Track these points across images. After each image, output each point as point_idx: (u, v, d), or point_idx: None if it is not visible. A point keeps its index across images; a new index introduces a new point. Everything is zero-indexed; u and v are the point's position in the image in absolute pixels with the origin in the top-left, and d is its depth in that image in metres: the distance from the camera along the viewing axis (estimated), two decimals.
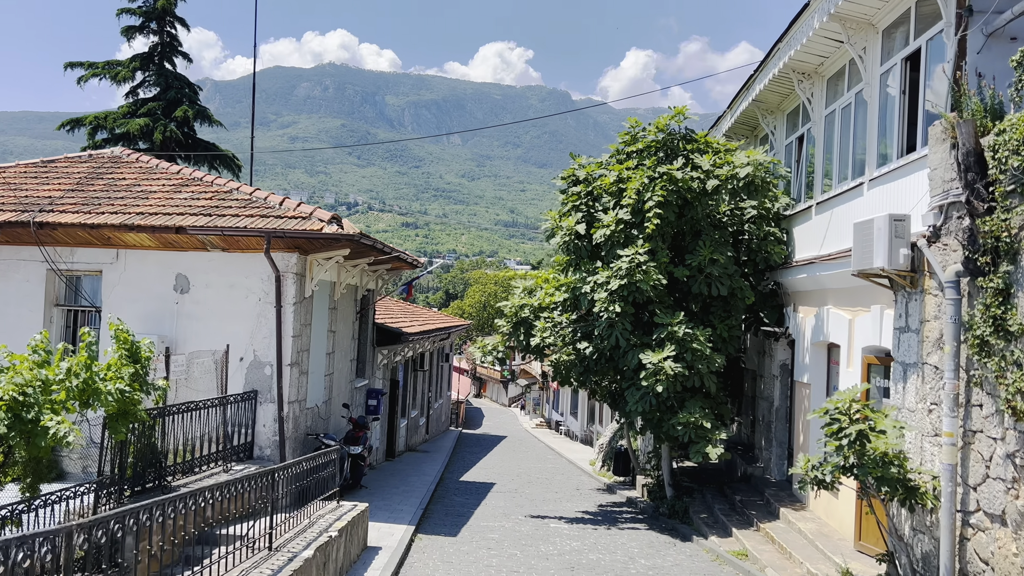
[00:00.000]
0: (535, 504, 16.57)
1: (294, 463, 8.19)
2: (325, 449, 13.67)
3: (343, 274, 15.91)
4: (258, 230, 12.41)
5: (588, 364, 14.47)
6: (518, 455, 30.05)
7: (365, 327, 18.94)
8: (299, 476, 8.35)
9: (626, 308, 13.01)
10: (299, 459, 8.37)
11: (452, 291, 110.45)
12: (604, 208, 14.04)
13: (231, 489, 6.51)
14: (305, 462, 8.48)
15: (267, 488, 7.24)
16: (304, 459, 8.52)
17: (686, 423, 12.54)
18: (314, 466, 8.84)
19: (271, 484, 7.32)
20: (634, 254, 13.00)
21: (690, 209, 13.34)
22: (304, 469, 8.43)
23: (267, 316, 13.12)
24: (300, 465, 8.31)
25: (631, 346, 13.32)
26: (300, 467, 8.32)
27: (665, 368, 12.40)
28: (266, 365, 13.09)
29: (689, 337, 12.63)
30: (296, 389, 13.34)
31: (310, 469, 8.65)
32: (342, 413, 16.48)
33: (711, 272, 13.24)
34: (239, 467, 12.14)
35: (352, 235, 12.34)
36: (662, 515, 14.84)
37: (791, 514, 12.11)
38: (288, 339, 13.06)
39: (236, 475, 11.65)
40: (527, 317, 14.72)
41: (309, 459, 8.66)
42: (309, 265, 13.63)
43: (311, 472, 8.72)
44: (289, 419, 13.07)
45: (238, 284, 13.26)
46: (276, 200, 13.51)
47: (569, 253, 14.01)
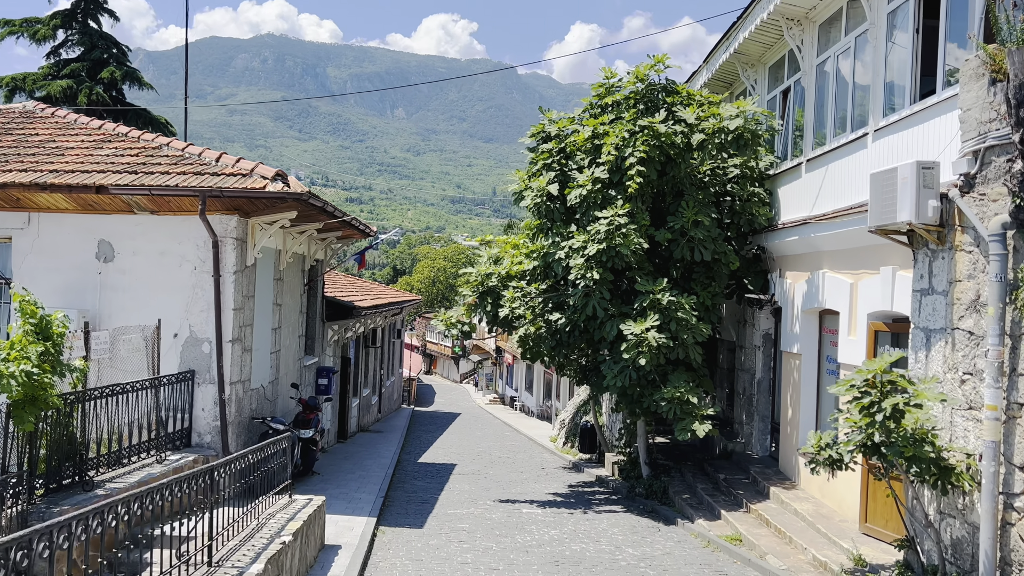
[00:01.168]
0: (502, 487, 15.50)
1: (238, 456, 6.90)
2: (273, 436, 12.35)
3: (289, 242, 14.47)
4: (191, 189, 10.93)
5: (560, 337, 13.37)
6: (475, 433, 29.00)
7: (314, 300, 17.53)
8: (245, 471, 7.07)
9: (605, 275, 11.92)
10: (245, 451, 7.07)
11: (400, 267, 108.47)
12: (578, 167, 12.88)
13: (158, 496, 5.22)
14: (252, 454, 7.19)
15: (206, 490, 5.96)
16: (251, 450, 7.23)
17: (671, 398, 11.56)
18: (263, 458, 7.56)
19: (210, 486, 6.04)
20: (613, 216, 11.89)
21: (673, 167, 12.27)
22: (251, 463, 7.16)
23: (204, 287, 11.67)
24: (246, 459, 7.03)
25: (609, 316, 12.26)
26: (246, 460, 7.04)
27: (648, 339, 11.37)
28: (204, 342, 11.66)
29: (674, 305, 11.62)
30: (239, 368, 11.95)
31: (258, 462, 7.38)
32: (291, 394, 15.11)
33: (695, 235, 12.22)
34: (175, 456, 10.75)
35: (299, 194, 10.95)
36: (638, 496, 13.92)
37: (783, 493, 11.26)
38: (228, 312, 11.64)
39: (169, 466, 10.29)
40: (494, 286, 13.53)
41: (257, 450, 7.38)
42: (251, 230, 12.18)
43: (259, 465, 7.44)
44: (231, 402, 11.70)
45: (170, 251, 11.77)
46: (212, 156, 12.01)
47: (540, 216, 12.83)
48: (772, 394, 13.77)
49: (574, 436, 22.73)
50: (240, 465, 6.87)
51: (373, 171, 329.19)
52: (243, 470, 6.98)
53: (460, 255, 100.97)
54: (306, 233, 14.59)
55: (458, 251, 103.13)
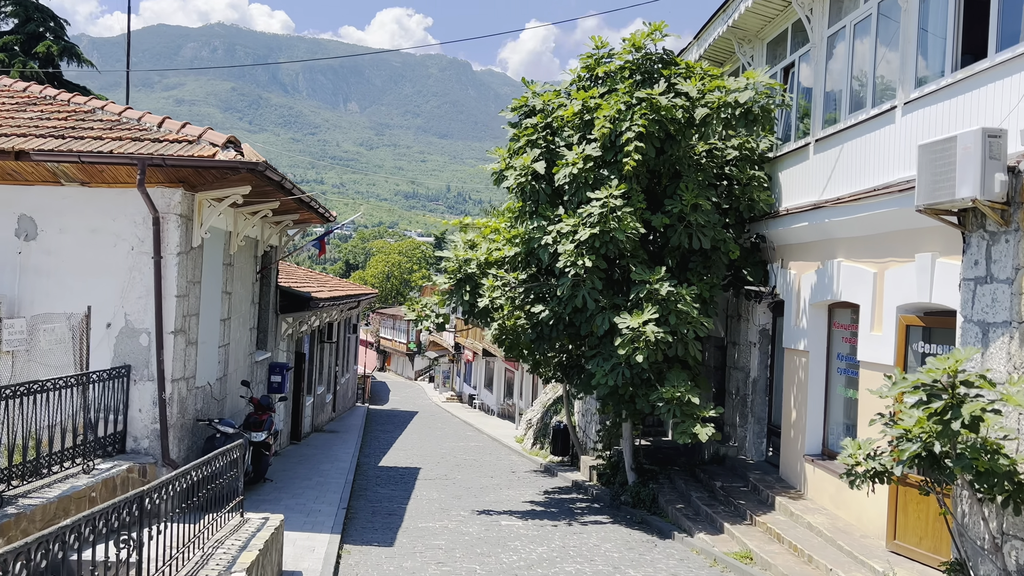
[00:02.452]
0: (473, 494, 14.27)
1: (179, 475, 5.52)
2: (221, 440, 10.93)
3: (241, 223, 13.01)
4: (128, 156, 9.45)
5: (542, 331, 12.18)
6: (435, 433, 27.70)
7: (267, 290, 16.04)
8: (188, 492, 5.71)
9: (597, 262, 10.77)
10: (187, 468, 5.70)
11: (353, 261, 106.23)
12: (567, 144, 11.69)
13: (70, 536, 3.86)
14: (197, 470, 5.83)
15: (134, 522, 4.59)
16: (195, 465, 5.86)
17: (670, 399, 10.46)
18: (210, 473, 6.20)
19: (139, 517, 4.68)
20: (607, 197, 10.74)
21: (672, 145, 11.16)
22: (196, 480, 5.80)
23: (143, 270, 10.19)
24: (189, 476, 5.67)
25: (600, 309, 11.11)
26: (189, 479, 5.68)
27: (647, 333, 10.25)
28: (142, 333, 10.18)
29: (674, 297, 10.51)
30: (182, 363, 10.49)
31: (205, 479, 6.02)
32: (241, 392, 13.65)
33: (694, 220, 11.14)
34: (105, 465, 9.28)
35: (254, 164, 9.55)
36: (624, 504, 12.82)
37: (790, 504, 10.25)
38: (171, 299, 10.18)
39: (98, 477, 8.82)
40: (473, 273, 12.26)
41: (203, 464, 6.01)
42: (198, 206, 10.73)
43: (206, 482, 6.09)
44: (173, 401, 10.25)
45: (103, 229, 10.25)
46: (154, 121, 10.52)
47: (524, 198, 11.61)
48: (769, 394, 12.79)
49: (544, 437, 21.60)
50: (182, 485, 5.51)
51: (325, 165, 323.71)
52: (186, 491, 5.62)
53: (415, 250, 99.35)
54: (260, 214, 13.14)
55: (413, 246, 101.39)
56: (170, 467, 10.12)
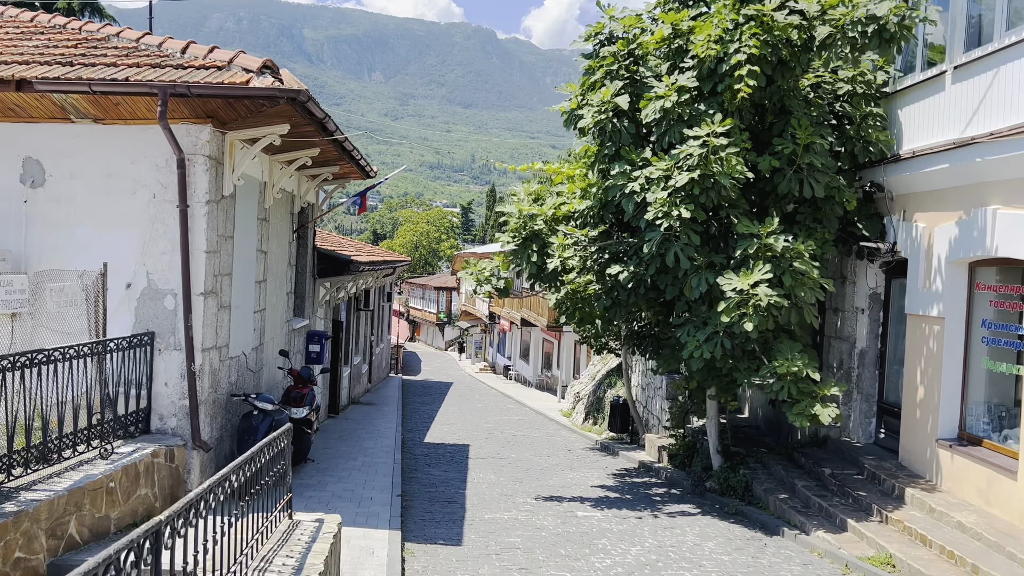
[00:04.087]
0: (534, 476, 12.83)
1: (213, 485, 4.04)
2: (259, 418, 9.54)
3: (276, 173, 11.52)
4: (147, 84, 7.94)
5: (618, 296, 10.60)
6: (475, 406, 26.34)
7: (304, 252, 14.60)
8: (226, 502, 4.25)
9: (697, 212, 9.14)
10: (226, 473, 4.20)
11: (380, 231, 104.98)
12: (655, 74, 10.00)
13: None
14: (239, 472, 4.36)
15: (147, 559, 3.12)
16: (238, 466, 4.39)
17: (784, 374, 8.86)
18: (255, 472, 4.73)
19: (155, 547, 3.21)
20: (708, 135, 9.07)
21: (785, 73, 9.44)
22: (235, 487, 4.34)
23: (167, 222, 8.75)
24: (228, 483, 4.20)
25: (695, 268, 9.50)
26: (228, 486, 4.21)
27: (759, 296, 8.63)
28: (167, 295, 8.76)
29: (789, 253, 8.87)
30: (213, 330, 9.07)
31: (249, 480, 4.56)
32: (279, 363, 12.26)
33: (809, 163, 9.46)
34: (127, 449, 7.91)
35: (296, 91, 7.99)
36: (710, 492, 11.30)
37: (926, 497, 8.66)
38: (200, 256, 8.74)
39: (118, 463, 7.43)
40: (540, 230, 10.68)
41: (246, 464, 4.53)
42: (229, 148, 9.23)
43: (249, 484, 4.63)
44: (204, 374, 8.84)
45: (121, 173, 8.80)
46: (176, 46, 8.99)
47: (604, 139, 9.95)
48: (880, 368, 11.15)
49: (597, 412, 20.12)
50: (217, 498, 4.03)
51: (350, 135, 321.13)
52: (223, 502, 4.15)
53: (442, 219, 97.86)
54: (296, 163, 11.63)
55: (440, 215, 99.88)
56: (201, 450, 8.74)
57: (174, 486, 8.43)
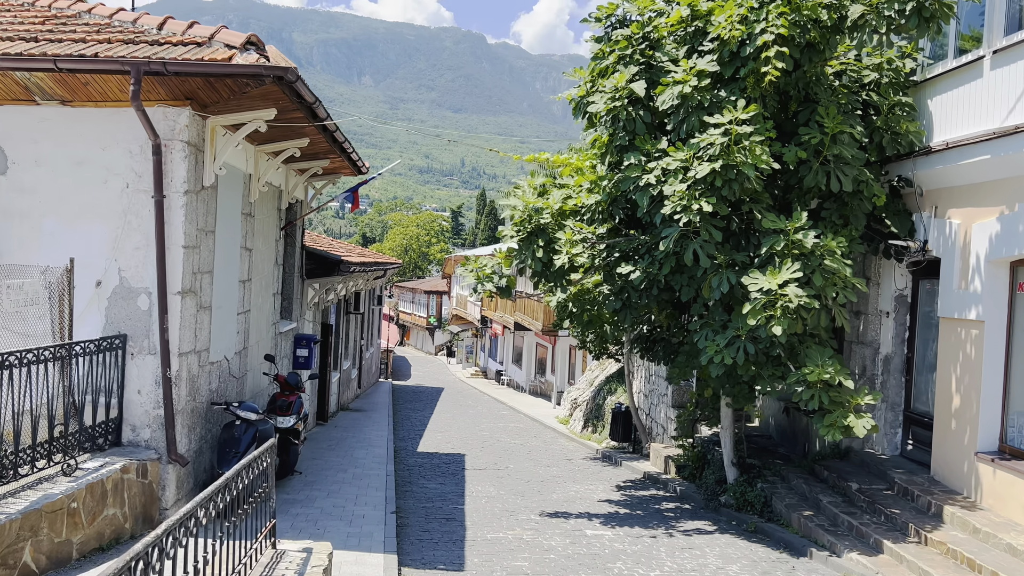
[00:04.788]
0: (535, 489, 12.10)
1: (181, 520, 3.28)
2: (241, 428, 8.77)
3: (262, 165, 10.75)
4: (118, 60, 7.19)
5: (629, 297, 9.90)
6: (468, 412, 25.58)
7: (292, 251, 13.83)
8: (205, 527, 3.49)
9: (719, 207, 8.44)
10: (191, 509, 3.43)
11: (370, 235, 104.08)
12: (672, 59, 9.31)
13: None
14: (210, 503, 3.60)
15: None
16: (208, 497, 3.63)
17: (814, 382, 8.16)
18: (233, 499, 3.98)
19: None
20: (730, 123, 8.39)
21: (813, 57, 8.77)
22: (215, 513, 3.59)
23: (141, 214, 7.98)
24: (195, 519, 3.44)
25: (715, 267, 8.80)
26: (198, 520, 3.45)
27: (788, 297, 7.94)
28: (140, 294, 7.99)
29: (819, 251, 8.19)
30: (192, 332, 8.30)
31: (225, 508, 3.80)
32: (264, 369, 11.49)
33: (836, 154, 8.79)
34: (94, 464, 7.14)
35: (283, 69, 7.24)
36: (725, 506, 10.60)
37: (967, 516, 7.98)
38: (177, 251, 7.97)
39: (82, 480, 6.65)
40: (546, 225, 9.96)
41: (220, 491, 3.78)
42: (210, 134, 8.47)
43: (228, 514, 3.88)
44: (181, 380, 8.07)
45: (91, 160, 8.03)
46: (152, 22, 8.23)
47: (617, 128, 9.24)
48: (907, 375, 10.48)
49: (596, 419, 19.41)
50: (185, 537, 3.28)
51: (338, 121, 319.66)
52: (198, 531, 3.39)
53: (433, 223, 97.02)
54: (283, 155, 10.87)
55: (431, 218, 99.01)
56: (177, 463, 7.96)
57: (147, 504, 7.65)
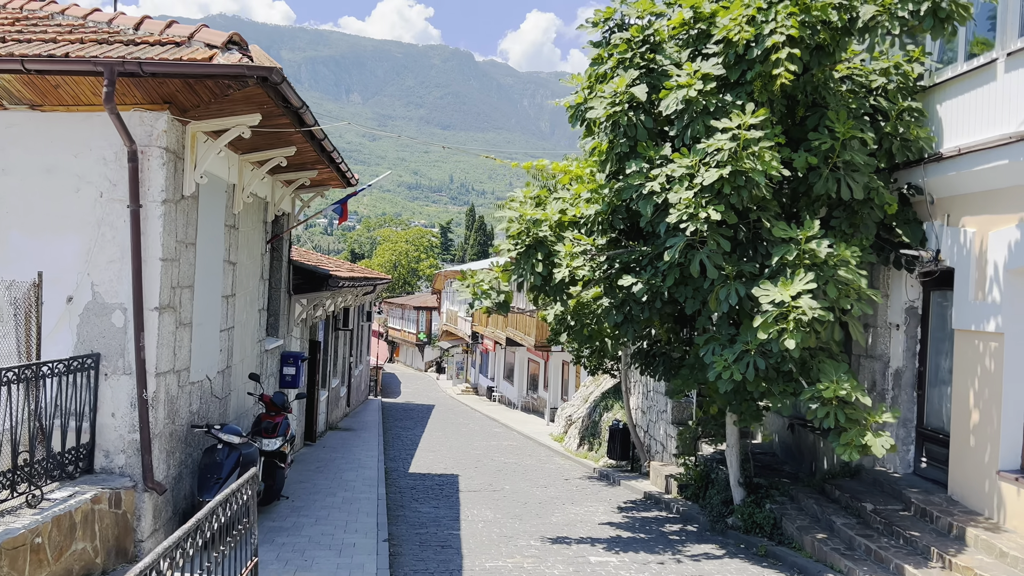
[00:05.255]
0: (533, 512, 11.60)
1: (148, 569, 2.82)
2: (224, 451, 8.27)
3: (247, 174, 10.30)
4: (91, 60, 6.74)
5: (630, 311, 9.47)
6: (460, 430, 25.06)
7: (278, 265, 13.36)
8: None
9: (727, 215, 8.05)
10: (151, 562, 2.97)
11: (359, 251, 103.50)
12: (674, 62, 8.94)
13: None
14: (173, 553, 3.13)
15: None
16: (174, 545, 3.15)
17: (829, 398, 7.74)
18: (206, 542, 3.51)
19: None
20: (737, 128, 8.01)
21: (823, 60, 8.41)
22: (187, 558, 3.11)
23: (116, 225, 7.51)
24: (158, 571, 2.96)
25: (723, 278, 8.40)
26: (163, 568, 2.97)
27: (802, 309, 7.53)
28: (115, 310, 7.50)
29: (833, 260, 7.80)
30: (171, 351, 7.81)
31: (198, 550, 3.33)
32: (249, 388, 10.98)
33: (847, 160, 8.43)
34: (62, 494, 6.62)
35: (268, 69, 6.81)
36: (732, 529, 10.14)
37: (992, 539, 7.56)
38: (154, 264, 7.49)
39: (48, 512, 6.14)
40: (545, 237, 9.54)
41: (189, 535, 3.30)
42: (191, 141, 8.02)
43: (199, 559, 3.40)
44: (159, 402, 7.57)
45: (62, 168, 7.56)
46: (129, 22, 7.78)
47: (617, 135, 8.85)
48: (918, 390, 10.09)
49: (592, 437, 18.93)
50: None
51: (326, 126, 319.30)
52: None
53: (422, 238, 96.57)
54: (269, 164, 10.42)
55: (420, 234, 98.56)
56: (154, 492, 7.45)
57: (120, 536, 7.12)
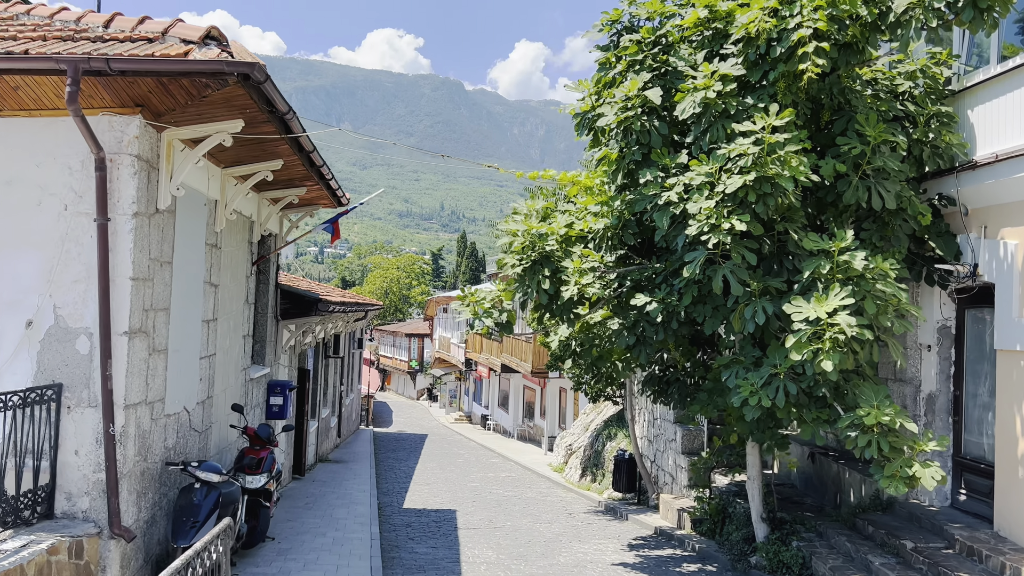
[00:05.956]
0: (539, 552, 10.80)
1: None
2: (203, 497, 7.48)
3: (229, 190, 9.60)
4: (52, 57, 6.05)
5: (644, 332, 8.76)
6: (455, 461, 24.18)
7: (265, 288, 12.61)
8: None
9: (752, 226, 7.39)
10: None
11: (349, 278, 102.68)
12: (690, 64, 8.32)
13: None
14: None
15: None
16: None
17: (869, 426, 7.03)
18: None
19: None
20: (764, 129, 7.38)
21: (850, 58, 7.82)
22: None
23: (82, 241, 6.78)
24: None
25: (749, 295, 7.71)
26: None
27: (840, 327, 6.85)
28: (80, 335, 6.75)
29: (870, 273, 7.13)
30: (142, 380, 7.04)
31: None
32: (232, 420, 10.18)
33: (878, 167, 7.80)
34: (14, 544, 5.82)
35: (249, 65, 6.13)
36: (756, 568, 9.36)
37: None
38: (124, 284, 6.75)
39: None
40: (552, 252, 8.85)
41: None
42: (166, 149, 7.32)
43: None
44: (129, 437, 6.79)
45: (22, 178, 6.85)
46: (99, 20, 7.11)
47: (630, 142, 8.22)
48: (954, 415, 9.39)
49: (595, 467, 18.12)
50: None
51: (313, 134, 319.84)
52: None
53: (413, 265, 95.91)
54: (253, 179, 9.72)
55: (411, 260, 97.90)
56: (121, 539, 6.64)
57: None
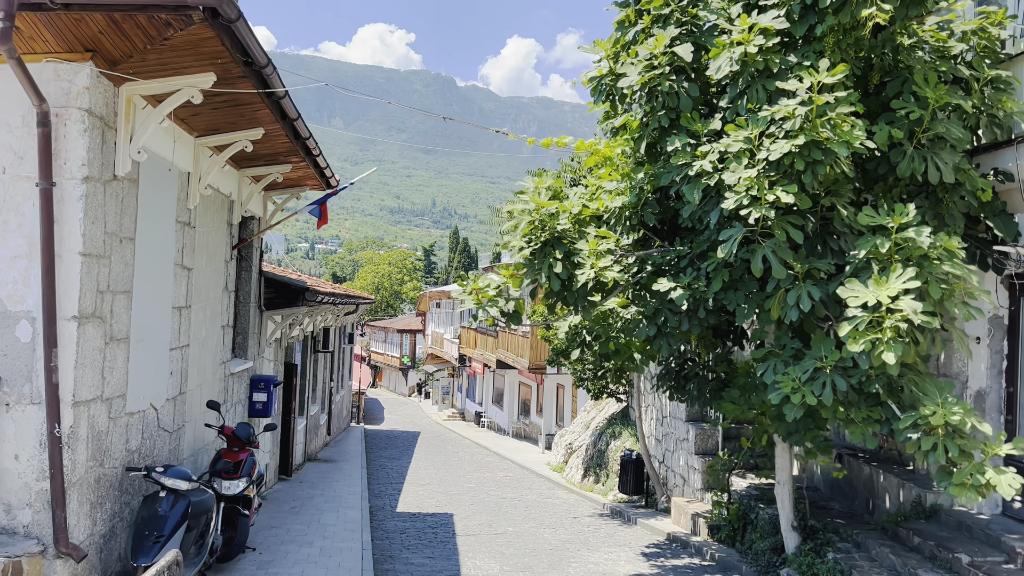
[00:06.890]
0: (543, 561, 9.87)
1: None
2: (168, 507, 6.52)
3: (204, 161, 8.62)
4: None
5: (666, 322, 7.83)
6: (450, 459, 23.25)
7: (247, 275, 11.63)
8: None
9: (800, 198, 6.46)
10: None
11: (340, 274, 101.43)
12: (725, 17, 7.38)
13: None
14: None
15: None
16: None
17: (935, 426, 6.11)
18: None
19: None
20: (812, 88, 6.46)
21: (911, 10, 6.90)
22: None
23: (23, 209, 5.80)
24: None
25: (792, 279, 6.79)
26: None
27: (903, 314, 5.93)
28: (20, 319, 5.76)
29: (935, 252, 6.21)
30: (97, 372, 6.06)
31: None
32: (207, 419, 9.20)
33: (937, 135, 6.89)
34: None
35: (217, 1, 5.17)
36: None
37: None
38: (73, 260, 5.77)
39: None
40: (565, 231, 7.90)
41: None
42: (125, 105, 6.33)
43: None
44: (79, 439, 5.82)
45: None
46: None
47: (655, 106, 7.28)
48: (1008, 414, 8.50)
49: (599, 468, 17.21)
50: None
51: None
52: None
53: (405, 260, 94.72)
54: (231, 150, 8.72)
55: (403, 256, 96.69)
56: (70, 558, 5.66)
57: None
